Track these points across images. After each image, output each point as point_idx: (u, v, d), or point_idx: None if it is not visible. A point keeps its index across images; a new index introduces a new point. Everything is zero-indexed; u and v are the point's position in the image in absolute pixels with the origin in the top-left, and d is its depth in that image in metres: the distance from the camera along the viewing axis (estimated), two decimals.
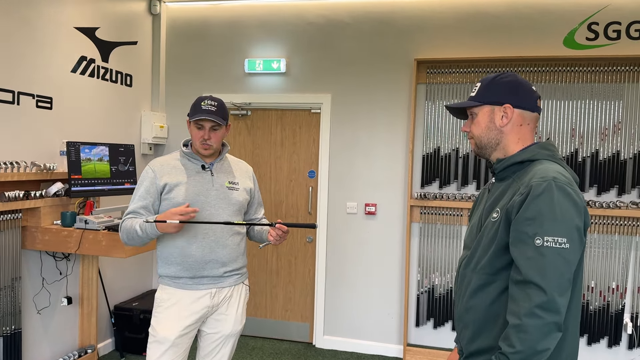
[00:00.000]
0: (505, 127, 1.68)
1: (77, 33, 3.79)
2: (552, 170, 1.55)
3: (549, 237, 1.45)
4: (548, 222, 1.46)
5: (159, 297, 2.43)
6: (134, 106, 4.48)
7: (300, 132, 4.58)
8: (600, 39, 3.94)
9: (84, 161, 3.52)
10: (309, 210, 4.56)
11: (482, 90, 1.72)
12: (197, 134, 2.43)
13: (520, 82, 1.69)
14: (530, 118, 1.68)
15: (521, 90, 1.67)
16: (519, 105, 1.66)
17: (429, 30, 4.22)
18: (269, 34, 4.54)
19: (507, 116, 1.66)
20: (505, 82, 1.68)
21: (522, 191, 1.54)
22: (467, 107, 1.75)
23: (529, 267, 1.46)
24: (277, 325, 4.66)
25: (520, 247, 1.50)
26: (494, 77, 1.71)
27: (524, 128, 1.68)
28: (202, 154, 2.47)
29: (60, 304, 3.69)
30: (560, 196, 1.48)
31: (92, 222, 3.30)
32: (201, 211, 2.40)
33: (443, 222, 4.20)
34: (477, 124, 1.72)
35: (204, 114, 2.39)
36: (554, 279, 1.43)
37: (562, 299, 1.44)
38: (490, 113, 1.69)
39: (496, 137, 1.69)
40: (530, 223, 1.48)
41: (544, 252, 1.45)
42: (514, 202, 1.54)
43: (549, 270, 1.44)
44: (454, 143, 4.17)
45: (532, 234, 1.47)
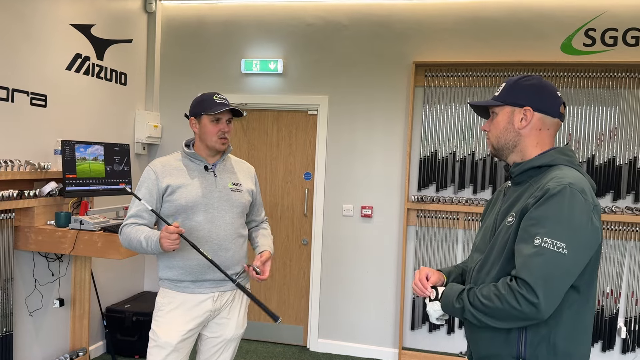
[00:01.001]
0: (524, 129, 1.66)
1: (73, 30, 3.73)
2: (569, 175, 1.54)
3: (548, 238, 1.45)
4: (551, 224, 1.46)
5: (159, 301, 2.38)
6: (128, 105, 4.41)
7: (296, 134, 4.55)
8: (597, 45, 3.96)
9: (79, 160, 3.46)
10: (305, 212, 4.53)
11: (505, 90, 1.71)
12: (213, 128, 2.38)
13: (544, 85, 1.67)
14: (550, 123, 1.67)
15: (544, 94, 1.65)
16: (539, 109, 1.64)
17: (427, 34, 4.22)
18: (266, 35, 4.50)
19: (527, 119, 1.65)
20: (528, 85, 1.67)
21: (536, 194, 1.53)
22: (489, 105, 1.73)
23: (522, 264, 1.47)
24: (271, 328, 4.62)
25: (520, 244, 1.51)
26: (519, 78, 1.70)
27: (543, 133, 1.66)
28: (219, 149, 2.43)
29: (52, 306, 3.61)
30: (572, 201, 1.47)
31: (87, 222, 3.24)
32: (204, 213, 2.36)
33: (439, 226, 4.19)
34: (496, 124, 1.71)
35: (224, 106, 2.36)
36: (541, 279, 1.43)
37: (547, 300, 1.43)
38: (510, 114, 1.68)
39: (513, 139, 1.68)
40: (534, 223, 1.49)
41: (540, 252, 1.45)
42: (528, 205, 1.54)
43: (539, 269, 1.44)
44: (451, 146, 4.17)
45: (533, 233, 1.48)
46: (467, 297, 1.57)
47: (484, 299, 1.52)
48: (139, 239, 2.25)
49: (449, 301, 1.64)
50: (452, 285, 1.69)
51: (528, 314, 1.44)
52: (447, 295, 1.66)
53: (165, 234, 2.14)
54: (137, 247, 2.27)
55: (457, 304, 1.59)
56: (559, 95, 1.67)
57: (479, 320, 1.55)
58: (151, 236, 2.24)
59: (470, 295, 1.58)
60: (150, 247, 2.22)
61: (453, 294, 1.63)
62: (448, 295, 1.65)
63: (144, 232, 2.27)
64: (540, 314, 1.44)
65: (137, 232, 2.28)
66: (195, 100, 2.46)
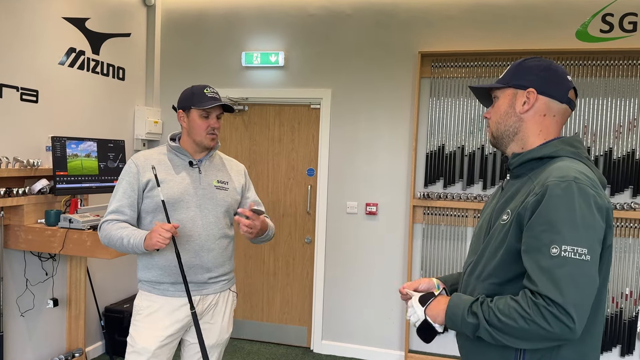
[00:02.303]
0: (526, 114, 1.48)
1: (66, 23, 3.63)
2: (573, 169, 1.35)
3: (567, 246, 1.26)
4: (567, 229, 1.27)
5: (138, 305, 2.26)
6: (127, 101, 4.31)
7: (299, 128, 4.40)
8: (615, 31, 3.73)
9: (70, 157, 3.36)
10: (308, 209, 4.38)
11: (508, 72, 1.53)
12: (202, 123, 2.26)
13: (552, 67, 1.49)
14: (557, 110, 1.48)
15: (551, 75, 1.47)
16: (544, 92, 1.46)
17: (433, 22, 4.02)
18: (267, 26, 4.36)
19: (529, 102, 1.47)
20: (534, 65, 1.49)
21: (536, 191, 1.35)
22: (491, 88, 1.56)
23: (544, 279, 1.27)
24: (274, 329, 4.49)
25: (534, 255, 1.31)
26: (525, 59, 1.53)
27: (548, 120, 1.48)
28: (207, 146, 2.30)
29: (46, 306, 3.53)
30: (582, 199, 1.29)
31: (76, 221, 3.14)
32: (186, 211, 2.24)
33: (447, 223, 4.01)
34: (497, 109, 1.54)
35: (215, 101, 2.24)
36: (572, 294, 1.24)
37: (581, 319, 1.25)
38: (512, 97, 1.50)
39: (514, 126, 1.50)
40: (545, 229, 1.29)
41: (562, 263, 1.26)
42: (527, 203, 1.35)
43: (566, 284, 1.24)
44: (459, 140, 3.97)
45: (548, 241, 1.28)
46: (482, 311, 1.35)
47: (504, 316, 1.31)
48: (120, 235, 2.14)
49: (457, 313, 1.40)
50: (459, 296, 1.46)
51: (560, 335, 1.26)
52: (454, 306, 1.42)
53: (160, 229, 2.02)
54: (118, 244, 2.16)
55: (471, 319, 1.37)
56: (569, 80, 1.49)
57: (496, 339, 1.34)
58: (135, 233, 2.13)
59: (485, 310, 1.36)
60: (132, 243, 2.11)
61: (462, 305, 1.41)
62: (456, 306, 1.42)
63: (126, 229, 2.16)
64: (575, 334, 1.25)
65: (118, 229, 2.17)
66: (185, 92, 2.34)
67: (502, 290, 1.41)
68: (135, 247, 2.11)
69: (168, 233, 2.03)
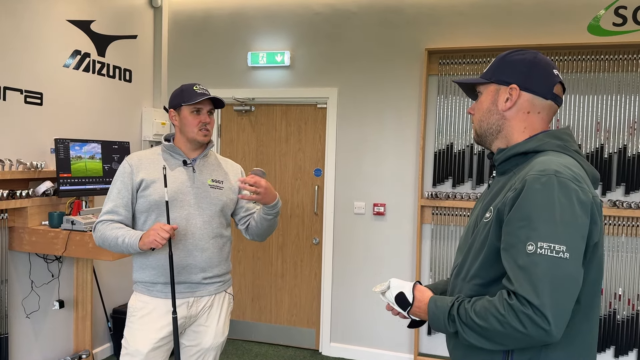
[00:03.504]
0: (509, 111, 1.41)
1: (70, 26, 3.64)
2: (555, 162, 1.28)
3: (543, 242, 1.19)
4: (544, 225, 1.20)
5: (132, 306, 2.24)
6: (134, 102, 4.32)
7: (305, 128, 4.36)
8: (628, 24, 3.61)
9: (74, 159, 3.37)
10: (315, 210, 4.34)
11: (492, 66, 1.46)
12: (194, 120, 2.25)
13: (537, 61, 1.41)
14: (542, 106, 1.41)
15: (536, 70, 1.40)
16: (528, 88, 1.39)
17: (440, 18, 3.94)
18: (273, 26, 4.33)
19: (512, 99, 1.40)
20: (517, 59, 1.42)
21: (516, 186, 1.28)
22: (475, 84, 1.50)
23: (520, 278, 1.20)
24: (282, 330, 4.45)
25: (511, 253, 1.24)
26: (508, 52, 1.45)
27: (532, 117, 1.41)
28: (200, 141, 2.28)
29: (52, 308, 3.54)
30: (562, 194, 1.21)
31: (79, 222, 3.14)
32: (179, 210, 2.21)
33: (456, 224, 3.92)
34: (479, 106, 1.47)
35: (204, 96, 2.23)
36: (548, 295, 1.17)
37: (558, 321, 1.17)
38: (495, 93, 1.44)
39: (497, 123, 1.43)
40: (523, 225, 1.22)
41: (537, 261, 1.18)
42: (507, 199, 1.28)
43: (542, 284, 1.17)
44: (468, 139, 3.88)
45: (524, 237, 1.21)
46: (458, 316, 1.30)
47: (479, 319, 1.25)
48: (115, 235, 2.13)
49: (439, 325, 1.35)
50: (435, 301, 1.38)
51: (535, 338, 1.18)
52: (435, 317, 1.36)
53: (159, 229, 2.02)
54: (112, 244, 2.15)
55: (452, 327, 1.31)
56: (556, 74, 1.41)
57: (472, 343, 1.28)
58: (130, 233, 2.13)
59: (461, 312, 1.30)
60: (127, 242, 2.10)
61: (441, 315, 1.34)
62: (436, 316, 1.36)
63: (121, 229, 2.16)
64: (552, 337, 1.18)
65: (113, 229, 2.16)
66: (175, 91, 2.33)
67: (487, 291, 1.35)
68: (130, 246, 2.09)
69: (167, 234, 2.02)
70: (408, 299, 1.44)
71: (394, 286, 1.47)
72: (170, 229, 2.04)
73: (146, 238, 2.04)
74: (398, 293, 1.45)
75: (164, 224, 2.06)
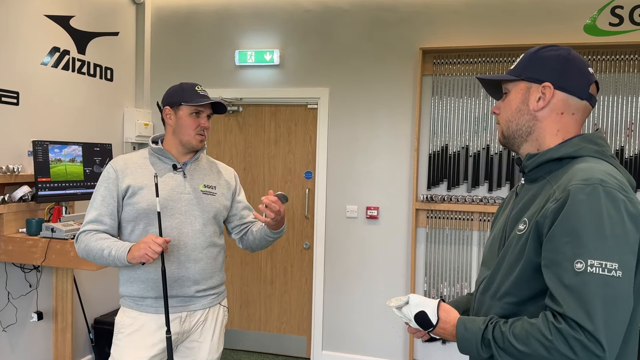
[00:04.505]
0: (541, 112, 1.29)
1: (49, 22, 3.45)
2: (598, 170, 1.17)
3: (594, 260, 1.08)
4: (593, 240, 1.09)
5: (119, 322, 2.08)
6: (116, 102, 4.13)
7: (295, 130, 4.22)
8: (625, 24, 3.55)
9: (54, 162, 3.18)
10: (306, 214, 4.20)
11: (522, 62, 1.34)
12: (192, 122, 2.09)
13: (571, 57, 1.29)
14: (577, 107, 1.29)
15: (570, 68, 1.28)
16: (562, 87, 1.27)
17: (435, 17, 3.84)
18: (261, 23, 4.18)
19: (545, 98, 1.28)
20: (551, 56, 1.30)
21: (557, 197, 1.16)
22: (502, 80, 1.37)
23: (569, 299, 1.09)
24: (272, 338, 4.30)
25: (555, 271, 1.12)
26: (541, 47, 1.33)
27: (566, 118, 1.29)
28: (195, 147, 2.13)
29: (30, 320, 3.35)
30: (610, 205, 1.10)
31: (59, 230, 2.96)
32: (170, 218, 2.06)
33: (452, 227, 3.82)
34: (507, 105, 1.35)
35: (207, 99, 2.08)
36: (602, 318, 1.06)
37: (612, 347, 1.06)
38: (525, 92, 1.31)
39: (527, 124, 1.31)
40: (569, 241, 1.11)
41: (588, 280, 1.07)
42: (547, 211, 1.17)
43: (595, 306, 1.06)
44: (464, 140, 3.79)
45: (571, 255, 1.10)
46: (494, 340, 1.18)
47: (520, 344, 1.13)
48: (100, 246, 1.96)
49: (470, 345, 1.23)
50: (464, 323, 1.26)
51: None
52: (465, 341, 1.24)
53: (152, 242, 1.86)
54: (97, 256, 1.98)
55: (486, 352, 1.20)
56: (591, 72, 1.30)
57: None
58: (117, 244, 1.96)
59: (497, 336, 1.18)
60: (114, 255, 1.94)
61: (473, 339, 1.22)
62: (466, 340, 1.24)
63: (107, 240, 1.99)
64: None
65: (98, 239, 1.99)
66: (173, 88, 2.16)
67: (521, 310, 1.24)
68: (117, 259, 1.93)
69: (159, 247, 1.87)
70: (431, 319, 1.31)
71: (414, 303, 1.34)
72: (163, 242, 1.88)
73: (136, 251, 1.89)
74: (419, 312, 1.33)
75: (156, 237, 1.90)
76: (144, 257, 1.86)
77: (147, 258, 1.86)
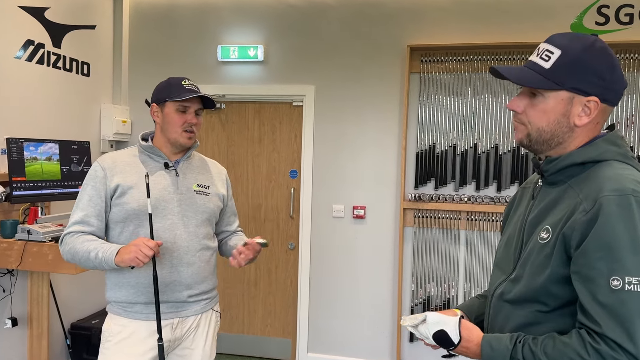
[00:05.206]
0: (581, 127, 1.20)
1: (22, 13, 3.28)
2: (627, 178, 1.11)
3: (632, 277, 1.03)
4: (630, 256, 1.04)
5: (107, 330, 1.96)
6: (93, 98, 3.97)
7: (280, 128, 4.13)
8: (611, 23, 3.57)
9: (29, 160, 3.02)
10: (291, 213, 4.12)
11: (564, 64, 1.17)
12: (179, 118, 1.98)
13: (615, 65, 1.19)
14: (609, 113, 1.23)
15: (615, 77, 1.18)
16: (607, 100, 1.18)
17: (423, 14, 3.80)
18: (245, 18, 4.07)
19: (589, 113, 1.18)
20: (600, 65, 1.16)
21: (586, 208, 1.10)
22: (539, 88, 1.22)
23: (606, 318, 1.04)
24: (256, 341, 4.21)
25: (589, 287, 1.07)
26: (584, 47, 1.16)
27: (598, 126, 1.22)
28: (183, 144, 2.02)
29: (4, 327, 3.18)
30: None
31: (36, 232, 2.81)
32: (162, 220, 1.95)
33: (439, 226, 3.79)
34: (543, 113, 1.21)
35: (193, 93, 1.96)
36: None
37: None
38: (567, 103, 1.19)
39: (563, 136, 1.22)
40: (602, 256, 1.06)
41: (627, 298, 1.03)
42: (575, 222, 1.11)
43: (635, 325, 1.01)
44: (451, 139, 3.76)
45: (606, 271, 1.05)
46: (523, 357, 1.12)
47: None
48: (87, 249, 1.85)
49: None
50: (490, 343, 1.20)
51: None
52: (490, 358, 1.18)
53: (143, 245, 1.75)
54: (83, 258, 1.87)
55: None
56: (624, 76, 1.23)
57: None
58: (104, 246, 1.85)
59: (527, 356, 1.12)
60: (100, 257, 1.82)
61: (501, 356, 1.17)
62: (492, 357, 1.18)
63: (94, 242, 1.87)
64: None
65: (84, 241, 1.88)
66: (161, 84, 2.06)
67: (546, 318, 1.19)
68: (105, 262, 1.82)
69: (151, 251, 1.76)
70: (452, 338, 1.25)
71: (432, 322, 1.28)
72: (154, 245, 1.77)
73: (126, 254, 1.77)
74: (438, 331, 1.27)
75: (148, 240, 1.79)
76: (134, 261, 1.76)
77: (138, 262, 1.76)
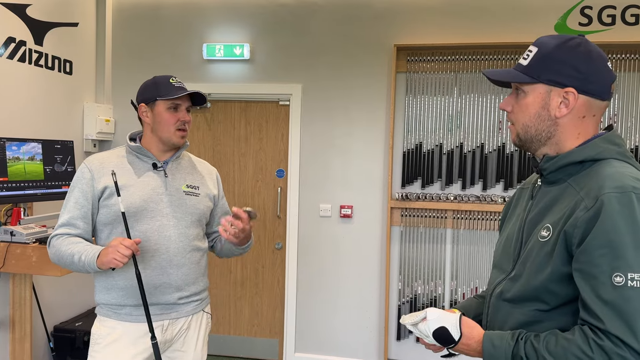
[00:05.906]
0: (563, 118, 1.22)
1: (3, 9, 3.21)
2: (628, 175, 1.13)
3: (634, 274, 1.04)
4: (633, 253, 1.05)
5: (96, 333, 1.93)
6: (75, 97, 3.90)
7: (267, 127, 4.10)
8: (594, 24, 3.63)
9: (11, 160, 2.96)
10: (278, 213, 4.10)
11: (538, 59, 1.23)
12: (171, 117, 1.96)
13: (593, 55, 1.21)
14: (597, 108, 1.23)
15: (593, 69, 1.20)
16: (586, 90, 1.20)
17: (409, 13, 3.81)
18: (231, 16, 4.04)
19: (568, 104, 1.21)
20: (572, 57, 1.20)
21: (587, 205, 1.11)
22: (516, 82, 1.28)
23: (610, 315, 1.05)
24: (243, 342, 4.18)
25: (592, 284, 1.08)
26: (559, 42, 1.23)
27: (587, 121, 1.23)
28: (176, 143, 2.00)
29: None
30: None
31: (19, 233, 2.75)
32: (150, 221, 1.92)
33: (426, 225, 3.81)
34: (524, 108, 1.26)
35: (185, 91, 1.94)
36: None
37: None
38: (545, 96, 1.23)
39: (548, 130, 1.24)
40: (605, 253, 1.07)
41: (630, 295, 1.04)
42: (577, 220, 1.12)
43: (638, 322, 1.03)
44: (438, 138, 3.78)
45: (608, 268, 1.06)
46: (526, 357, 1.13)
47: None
48: (71, 251, 1.82)
49: None
50: (491, 340, 1.19)
51: None
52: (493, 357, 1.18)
53: (119, 245, 1.72)
54: (68, 261, 1.84)
55: None
56: (611, 69, 1.24)
57: None
58: (87, 249, 1.82)
59: (529, 353, 1.13)
60: (83, 260, 1.80)
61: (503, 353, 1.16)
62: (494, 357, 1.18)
63: (78, 244, 1.84)
64: None
65: (69, 244, 1.84)
66: (146, 83, 2.03)
67: (546, 317, 1.20)
68: (88, 265, 1.79)
69: (128, 250, 1.73)
70: (452, 335, 1.24)
71: (432, 318, 1.27)
72: (131, 244, 1.74)
73: (104, 256, 1.75)
74: (438, 327, 1.26)
75: (124, 239, 1.76)
76: (112, 263, 1.73)
77: (116, 263, 1.73)
